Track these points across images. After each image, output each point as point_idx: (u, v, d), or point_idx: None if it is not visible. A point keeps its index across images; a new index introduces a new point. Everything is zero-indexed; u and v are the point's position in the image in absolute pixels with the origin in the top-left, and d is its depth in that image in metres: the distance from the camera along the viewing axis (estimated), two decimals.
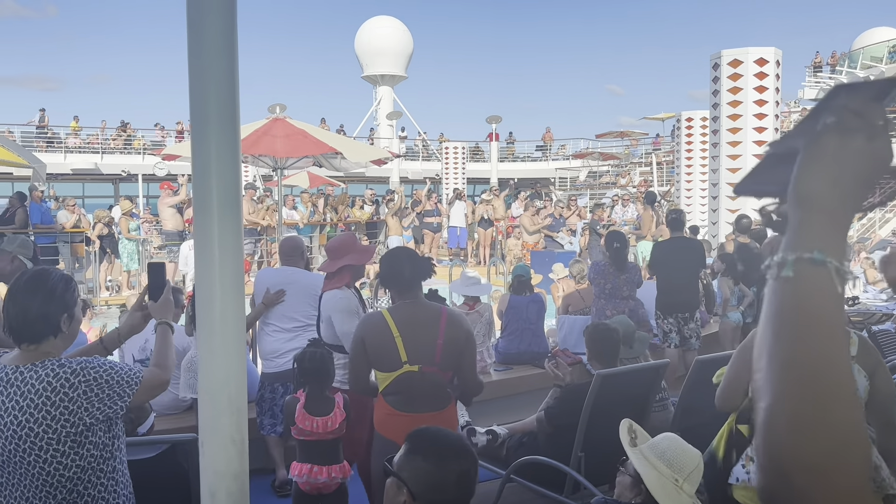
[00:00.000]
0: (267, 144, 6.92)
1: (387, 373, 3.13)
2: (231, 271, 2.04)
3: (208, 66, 2.00)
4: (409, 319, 3.15)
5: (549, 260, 11.66)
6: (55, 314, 2.21)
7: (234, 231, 2.04)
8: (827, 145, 0.76)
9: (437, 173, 27.68)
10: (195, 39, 1.99)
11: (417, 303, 3.23)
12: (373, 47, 35.72)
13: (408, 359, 3.09)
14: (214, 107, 2.00)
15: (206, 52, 2.00)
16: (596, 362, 4.10)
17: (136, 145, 30.52)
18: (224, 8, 1.99)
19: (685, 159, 16.85)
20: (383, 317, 3.15)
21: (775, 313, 0.75)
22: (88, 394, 2.18)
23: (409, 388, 3.11)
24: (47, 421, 2.13)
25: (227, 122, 2.03)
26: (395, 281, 3.25)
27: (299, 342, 4.75)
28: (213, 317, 2.03)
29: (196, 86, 2.02)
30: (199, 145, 2.01)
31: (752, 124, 10.12)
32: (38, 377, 2.16)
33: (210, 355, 2.05)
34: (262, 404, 4.86)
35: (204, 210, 2.01)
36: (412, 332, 3.11)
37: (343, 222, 15.91)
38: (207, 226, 1.99)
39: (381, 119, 35.46)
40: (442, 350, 3.13)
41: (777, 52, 10.16)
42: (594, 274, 6.77)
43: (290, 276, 4.87)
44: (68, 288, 2.27)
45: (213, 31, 1.99)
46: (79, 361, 2.21)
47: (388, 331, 3.11)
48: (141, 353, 5.07)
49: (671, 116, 26.37)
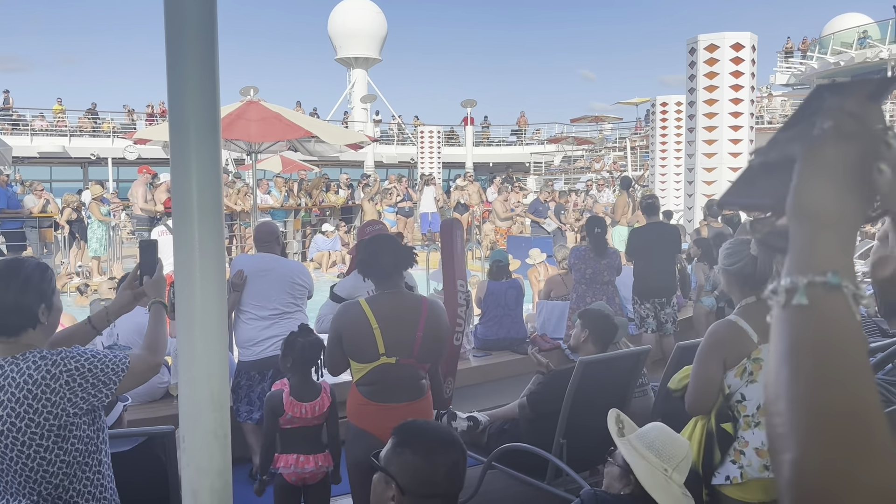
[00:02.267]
0: (241, 129, 6.78)
1: (363, 364, 3.08)
2: (212, 262, 1.98)
3: (187, 51, 1.91)
4: (389, 311, 3.08)
5: (526, 245, 11.65)
6: (32, 305, 2.12)
7: (215, 223, 1.97)
8: (828, 153, 0.70)
9: (413, 157, 27.56)
10: (173, 23, 1.91)
11: (398, 293, 3.17)
12: (346, 29, 35.34)
13: (385, 351, 3.04)
14: (193, 93, 1.91)
15: (184, 37, 1.91)
16: (592, 346, 4.03)
17: (106, 128, 29.96)
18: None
19: (660, 144, 16.93)
20: (362, 308, 3.08)
21: (791, 350, 0.66)
22: (72, 384, 2.10)
23: (384, 379, 3.07)
24: (29, 415, 2.06)
25: (206, 107, 1.93)
26: (374, 269, 3.18)
27: (276, 330, 4.69)
28: (194, 309, 1.96)
29: (174, 73, 1.93)
30: (178, 134, 1.93)
31: (727, 109, 10.16)
32: (20, 370, 2.08)
33: (191, 348, 1.99)
34: (239, 391, 4.80)
35: (183, 201, 1.93)
36: (391, 325, 3.06)
37: (318, 207, 15.76)
38: (187, 216, 1.92)
39: (356, 102, 35.17)
40: (421, 343, 3.09)
41: (753, 37, 10.20)
42: (574, 259, 6.77)
43: (268, 263, 4.78)
44: (44, 277, 2.17)
45: (192, 15, 1.91)
46: (59, 352, 2.12)
47: (366, 323, 3.04)
48: (108, 339, 4.97)
49: (645, 101, 26.51)
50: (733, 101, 10.13)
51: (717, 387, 2.69)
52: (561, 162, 31.34)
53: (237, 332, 4.84)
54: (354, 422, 3.14)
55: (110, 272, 12.61)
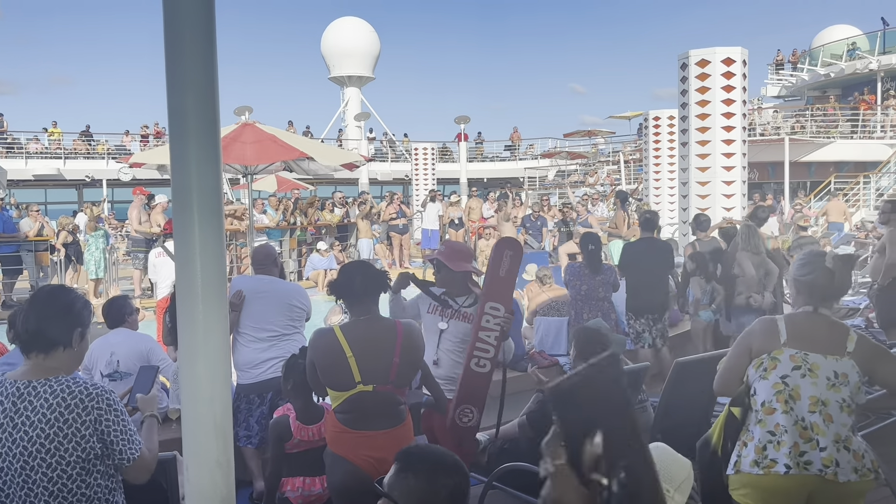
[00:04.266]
0: (237, 152, 6.81)
1: (339, 392, 3.06)
2: (214, 289, 1.99)
3: (187, 73, 1.93)
4: (363, 337, 3.06)
5: (523, 260, 11.68)
6: (70, 326, 2.25)
7: (217, 251, 1.99)
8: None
9: (407, 174, 27.62)
10: (173, 47, 1.92)
11: (372, 319, 3.15)
12: (339, 48, 35.51)
13: (361, 379, 3.00)
14: (193, 117, 1.92)
15: (184, 59, 1.93)
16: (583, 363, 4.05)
17: (100, 150, 29.98)
18: (202, 15, 1.92)
19: (653, 158, 17.01)
20: (335, 336, 3.06)
21: None
22: (101, 419, 2.16)
23: (361, 406, 3.04)
24: (59, 438, 2.12)
25: (207, 130, 1.95)
26: (346, 293, 3.17)
27: (275, 352, 4.69)
28: (196, 336, 1.97)
29: (174, 95, 1.95)
30: (179, 159, 1.95)
31: (720, 123, 10.23)
32: (53, 391, 2.15)
33: (193, 375, 2.00)
34: (238, 415, 4.78)
35: (184, 229, 1.94)
36: (366, 352, 3.03)
37: (313, 225, 15.77)
38: (189, 245, 1.93)
39: (349, 120, 35.29)
40: (397, 368, 3.06)
41: (743, 52, 10.29)
42: (569, 276, 6.78)
43: (266, 285, 4.79)
44: (86, 307, 2.36)
45: (192, 37, 1.92)
46: (94, 384, 2.23)
47: (340, 351, 3.02)
48: (108, 367, 4.97)
49: (637, 115, 26.64)
50: (725, 115, 10.20)
51: (741, 374, 2.82)
52: (555, 176, 31.44)
53: (235, 355, 4.83)
54: (333, 448, 3.13)
55: (107, 294, 12.59)
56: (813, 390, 2.64)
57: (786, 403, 2.64)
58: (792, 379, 2.66)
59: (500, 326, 3.82)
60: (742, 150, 10.45)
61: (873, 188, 20.74)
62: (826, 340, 2.70)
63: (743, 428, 2.79)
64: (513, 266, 3.93)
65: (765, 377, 2.71)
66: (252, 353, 4.71)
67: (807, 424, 2.62)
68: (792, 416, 2.63)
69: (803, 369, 2.65)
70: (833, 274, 2.74)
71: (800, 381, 2.65)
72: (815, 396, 2.63)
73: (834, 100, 28.52)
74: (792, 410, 2.64)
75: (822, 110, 25.75)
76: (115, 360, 5.00)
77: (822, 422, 2.62)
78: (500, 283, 3.90)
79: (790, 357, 2.67)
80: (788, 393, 2.65)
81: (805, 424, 2.62)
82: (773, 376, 2.69)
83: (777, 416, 2.65)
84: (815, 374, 2.65)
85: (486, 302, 3.84)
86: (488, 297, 3.85)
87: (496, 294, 3.86)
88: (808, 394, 2.64)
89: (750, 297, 6.99)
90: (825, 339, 2.70)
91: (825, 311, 2.78)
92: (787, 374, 2.66)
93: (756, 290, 7.09)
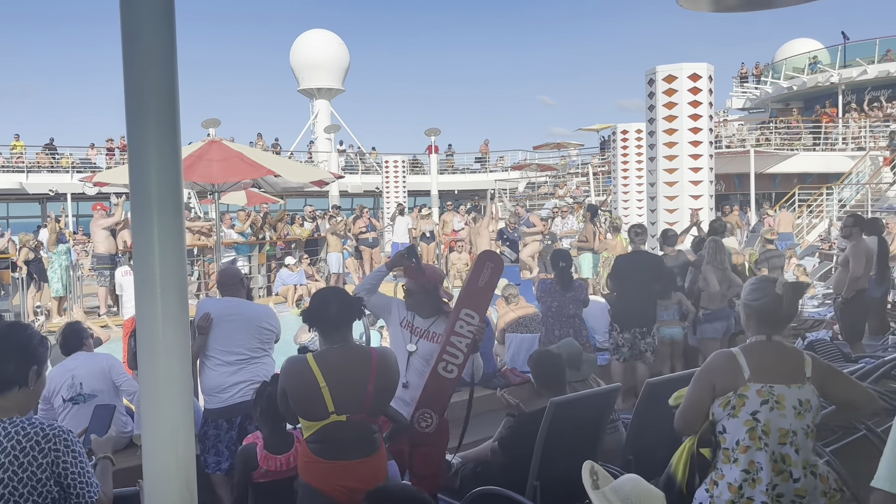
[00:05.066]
0: (203, 169, 6.72)
1: (312, 422, 2.98)
2: (174, 318, 1.92)
3: (146, 84, 1.83)
4: (337, 366, 2.99)
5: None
6: (26, 365, 2.19)
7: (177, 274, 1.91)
8: None
9: (378, 186, 27.56)
10: (132, 59, 1.83)
11: (346, 347, 3.08)
12: (309, 61, 35.45)
13: (335, 409, 2.93)
14: (153, 132, 1.84)
15: (143, 68, 1.83)
16: (545, 390, 4.07)
17: (64, 163, 29.48)
18: (161, 23, 1.83)
19: (621, 171, 17.17)
20: (308, 365, 2.98)
21: None
22: (59, 461, 2.10)
23: (334, 436, 2.97)
24: (13, 483, 2.04)
25: (166, 147, 1.87)
26: (320, 321, 3.10)
27: (244, 375, 4.60)
28: (157, 370, 1.90)
29: (133, 109, 1.85)
30: (138, 179, 1.86)
31: (687, 138, 10.37)
32: (7, 434, 2.08)
33: (155, 409, 1.92)
34: (206, 441, 4.69)
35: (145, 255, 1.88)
36: (340, 381, 2.96)
37: (283, 240, 15.64)
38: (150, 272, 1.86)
39: (319, 133, 35.18)
40: (372, 397, 3.00)
41: (709, 68, 10.44)
42: (541, 293, 6.79)
43: (234, 307, 4.71)
44: (43, 343, 2.29)
45: (152, 49, 1.83)
46: (51, 424, 2.16)
47: (313, 380, 2.94)
48: (70, 391, 4.86)
49: (605, 127, 26.91)
50: (692, 129, 10.33)
51: (704, 411, 2.78)
52: (525, 188, 31.61)
53: (203, 379, 4.74)
54: (305, 479, 3.05)
55: (71, 312, 12.33)
56: (782, 422, 2.64)
57: (759, 440, 2.64)
58: (762, 414, 2.65)
59: (473, 335, 3.80)
60: (709, 164, 10.59)
61: (836, 199, 21.13)
62: (786, 369, 2.71)
63: (711, 466, 2.76)
64: (492, 279, 3.96)
65: (734, 415, 2.69)
66: (220, 376, 4.62)
67: (778, 457, 2.63)
68: (767, 451, 2.63)
69: (771, 403, 2.65)
70: (781, 300, 2.75)
71: (769, 415, 2.65)
72: (785, 428, 2.64)
73: (797, 112, 29.10)
74: (766, 446, 2.64)
75: (785, 123, 26.23)
76: (78, 383, 4.90)
77: (793, 453, 2.64)
78: (477, 293, 3.91)
79: (757, 392, 2.67)
80: (761, 429, 2.65)
81: (776, 458, 2.63)
82: (742, 413, 2.67)
83: (752, 454, 2.64)
84: (783, 406, 2.65)
85: (461, 308, 3.83)
86: (464, 304, 3.84)
87: (472, 302, 3.87)
88: (777, 426, 2.64)
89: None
90: (785, 369, 2.71)
91: (778, 338, 2.80)
92: (757, 410, 2.66)
93: (719, 304, 7.20)
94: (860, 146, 23.94)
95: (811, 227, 20.59)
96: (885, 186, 21.06)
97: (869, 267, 8.10)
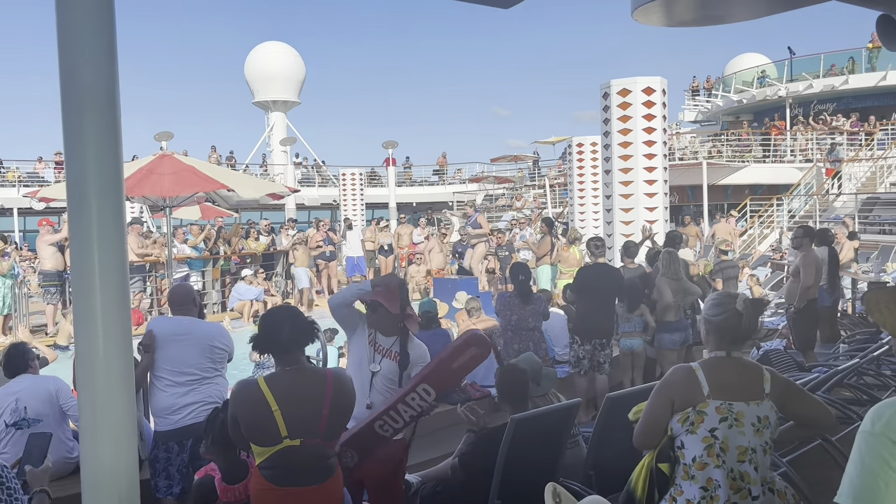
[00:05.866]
0: (154, 183, 6.55)
1: (264, 447, 2.88)
2: (118, 349, 1.83)
3: (84, 93, 1.74)
4: (290, 390, 2.89)
5: (453, 287, 11.62)
6: None
7: (120, 303, 1.83)
8: None
9: (335, 199, 27.38)
10: (68, 68, 1.73)
11: (299, 369, 2.99)
12: (264, 73, 35.13)
13: (288, 433, 2.84)
14: (92, 144, 1.75)
15: (81, 78, 1.74)
16: (508, 405, 4.03)
17: (10, 178, 28.65)
18: (100, 28, 1.74)
19: (577, 184, 17.32)
20: (259, 388, 2.88)
21: None
22: None
23: (288, 462, 2.87)
24: None
25: (107, 163, 1.77)
26: (272, 345, 2.99)
27: (195, 396, 4.47)
28: (96, 404, 1.80)
29: (71, 135, 1.77)
30: (76, 193, 1.77)
31: (641, 151, 10.49)
32: None
33: (94, 447, 1.81)
34: (156, 465, 4.53)
35: (84, 280, 1.78)
36: (293, 404, 2.86)
37: (238, 255, 15.36)
38: (90, 299, 1.77)
39: (275, 145, 34.85)
40: (327, 421, 2.91)
41: (663, 82, 10.60)
42: (500, 306, 6.76)
43: (185, 327, 4.57)
44: None
45: (90, 58, 1.73)
46: None
47: (265, 404, 2.84)
48: (13, 415, 4.67)
49: (561, 140, 27.16)
50: (647, 142, 10.46)
51: (664, 426, 2.77)
52: (483, 200, 31.73)
53: (153, 401, 4.59)
54: None
55: (16, 331, 11.92)
56: (741, 440, 2.64)
57: (717, 458, 2.63)
58: (721, 431, 2.64)
59: (421, 409, 3.60)
60: (664, 177, 10.72)
61: (786, 210, 21.62)
62: (745, 386, 2.70)
63: (670, 481, 2.75)
64: (469, 365, 3.65)
65: (692, 431, 2.68)
66: (170, 398, 4.47)
67: (736, 475, 2.63)
68: (724, 469, 2.63)
69: (730, 420, 2.65)
70: (742, 317, 2.75)
71: (728, 432, 2.64)
72: (744, 446, 2.64)
73: (747, 125, 29.81)
74: (724, 464, 2.63)
75: (736, 135, 26.81)
76: (22, 407, 4.72)
77: (752, 470, 2.63)
78: (446, 374, 3.64)
79: (716, 409, 2.66)
80: (719, 446, 2.64)
81: (735, 475, 2.63)
82: (701, 430, 2.66)
83: (710, 471, 2.63)
84: (742, 423, 2.65)
85: (423, 382, 3.58)
86: (427, 379, 3.59)
87: (437, 380, 3.60)
88: (736, 444, 2.64)
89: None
90: (744, 385, 2.71)
91: (737, 354, 2.80)
92: (716, 427, 2.65)
93: (675, 316, 7.28)
94: (808, 158, 24.58)
95: (763, 238, 21.01)
96: (833, 197, 21.64)
97: (819, 277, 8.27)
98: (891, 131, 23.93)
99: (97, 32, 1.68)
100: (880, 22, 4.04)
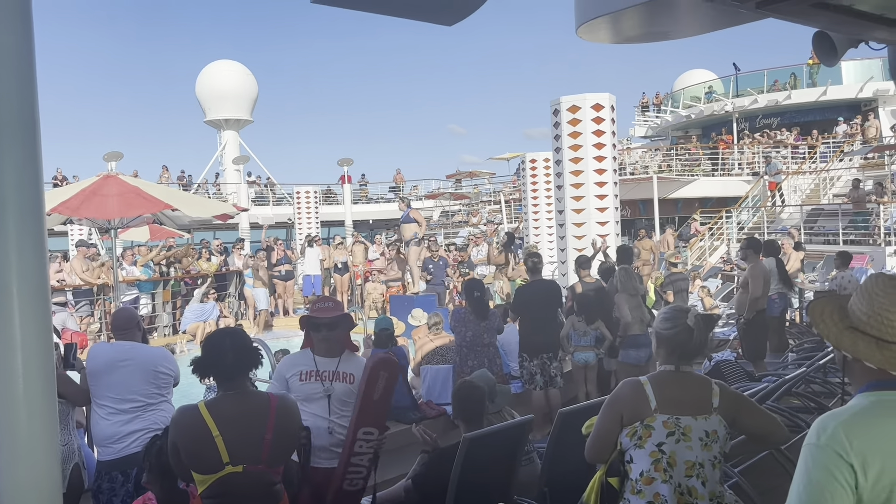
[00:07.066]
0: (97, 205, 6.37)
1: (206, 475, 2.79)
2: (38, 373, 1.74)
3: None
4: (232, 414, 2.82)
5: (409, 305, 11.58)
6: None
7: (40, 336, 1.75)
8: None
9: (290, 218, 27.12)
10: None
11: (241, 393, 2.92)
12: (215, 91, 34.70)
13: (230, 459, 2.76)
14: (10, 165, 1.67)
15: None
16: (463, 423, 3.99)
17: None
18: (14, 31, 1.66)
19: (531, 198, 17.44)
20: (200, 414, 2.81)
21: None
22: None
23: (231, 490, 2.78)
24: None
25: (27, 184, 1.70)
26: (215, 370, 2.92)
27: (139, 423, 4.33)
28: (18, 437, 1.71)
29: None
30: None
31: (592, 166, 10.62)
32: None
33: (14, 486, 1.72)
34: (100, 496, 4.37)
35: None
36: (235, 429, 2.79)
37: (189, 276, 15.05)
38: (9, 334, 1.69)
39: (228, 164, 34.40)
40: (271, 446, 2.83)
41: (612, 98, 10.75)
42: (455, 322, 6.73)
43: (127, 352, 4.42)
44: None
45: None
46: None
47: (205, 430, 2.77)
48: None
49: (516, 156, 27.40)
50: (597, 158, 10.58)
51: (613, 440, 2.76)
52: (440, 217, 31.76)
53: (95, 429, 4.43)
54: None
55: None
56: (689, 454, 2.64)
57: (664, 472, 2.62)
58: (668, 446, 2.64)
59: (374, 449, 3.61)
60: (614, 191, 10.85)
61: (735, 222, 22.09)
62: (693, 401, 2.70)
63: (619, 496, 2.74)
64: (388, 389, 3.67)
65: (640, 446, 2.68)
66: (113, 426, 4.32)
67: (684, 490, 2.62)
68: (671, 484, 2.62)
69: (677, 434, 2.64)
70: (693, 332, 2.76)
71: (675, 447, 2.64)
72: (692, 461, 2.63)
73: (696, 139, 30.43)
74: (671, 479, 2.62)
75: (685, 150, 27.36)
76: None
77: (700, 485, 2.62)
78: (374, 407, 3.63)
79: (663, 423, 2.65)
80: (666, 461, 2.63)
81: (682, 490, 2.62)
82: (648, 445, 2.66)
83: (657, 486, 2.62)
84: (689, 438, 2.64)
85: (359, 428, 3.57)
86: (361, 423, 3.58)
87: (370, 419, 3.61)
88: (683, 458, 2.63)
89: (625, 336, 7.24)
90: (692, 400, 2.71)
91: (687, 368, 2.80)
92: (663, 442, 2.65)
93: (638, 330, 7.30)
94: (755, 171, 25.19)
95: (713, 250, 21.42)
96: (779, 209, 22.18)
97: (767, 287, 8.43)
98: (832, 145, 24.67)
99: (8, 50, 1.62)
100: (816, 39, 4.13)
